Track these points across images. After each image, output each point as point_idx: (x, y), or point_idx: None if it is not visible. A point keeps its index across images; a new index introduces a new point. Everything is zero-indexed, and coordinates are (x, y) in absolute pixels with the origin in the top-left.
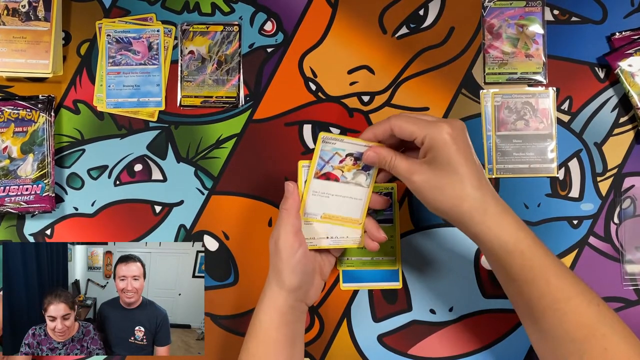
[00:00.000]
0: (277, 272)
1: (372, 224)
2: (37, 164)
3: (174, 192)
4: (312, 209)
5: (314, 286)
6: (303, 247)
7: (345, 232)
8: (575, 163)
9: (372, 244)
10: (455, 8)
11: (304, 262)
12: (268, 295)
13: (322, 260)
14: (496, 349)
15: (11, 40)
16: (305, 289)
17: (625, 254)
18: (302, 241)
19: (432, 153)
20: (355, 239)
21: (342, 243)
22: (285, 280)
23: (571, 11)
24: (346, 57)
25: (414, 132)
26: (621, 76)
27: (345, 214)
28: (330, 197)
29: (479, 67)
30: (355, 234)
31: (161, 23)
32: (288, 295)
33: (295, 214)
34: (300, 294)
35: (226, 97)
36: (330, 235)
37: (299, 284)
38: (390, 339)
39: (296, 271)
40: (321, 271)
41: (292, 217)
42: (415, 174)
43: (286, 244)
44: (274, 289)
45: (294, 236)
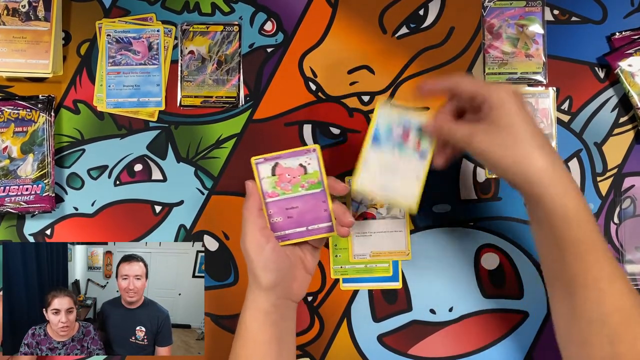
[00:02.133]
0: (251, 272)
1: (339, 207)
2: (37, 164)
3: (174, 192)
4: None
5: (297, 281)
6: (271, 244)
7: (315, 222)
8: (575, 163)
9: (341, 229)
10: (455, 8)
11: (275, 258)
12: (249, 298)
13: (303, 254)
14: (496, 349)
15: (11, 40)
16: (284, 285)
17: (625, 254)
18: (269, 237)
19: (496, 112)
20: (327, 226)
21: (314, 233)
22: (260, 279)
23: (571, 11)
24: (346, 57)
25: (477, 90)
26: (621, 76)
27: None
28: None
29: (479, 67)
30: (325, 222)
31: (161, 23)
32: (267, 294)
33: (257, 212)
34: (280, 291)
35: (226, 97)
36: (300, 227)
37: (275, 281)
38: (390, 339)
39: (268, 268)
40: (304, 265)
41: (254, 216)
42: (476, 136)
43: (252, 243)
44: (253, 290)
45: (260, 233)
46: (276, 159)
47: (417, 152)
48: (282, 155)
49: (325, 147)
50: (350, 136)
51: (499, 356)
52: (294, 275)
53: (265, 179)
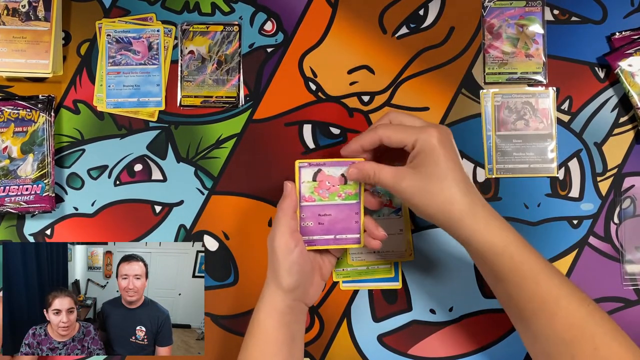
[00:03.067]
0: (274, 272)
1: (370, 222)
2: (37, 164)
3: (174, 192)
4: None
5: (313, 286)
6: (299, 247)
7: (344, 232)
8: (575, 163)
9: (372, 242)
10: (455, 8)
11: (301, 262)
12: (266, 296)
13: (322, 261)
14: (496, 349)
15: (11, 40)
16: (303, 289)
17: (625, 254)
18: (298, 241)
19: (421, 157)
20: (355, 238)
21: (341, 243)
22: (282, 280)
23: (571, 11)
24: (346, 57)
25: (404, 139)
26: (621, 76)
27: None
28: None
29: (479, 67)
30: (354, 233)
31: (161, 23)
32: (286, 295)
33: (292, 214)
34: (298, 294)
35: (226, 97)
36: (329, 235)
37: (296, 284)
38: (390, 339)
39: (292, 271)
40: (321, 271)
41: (288, 217)
42: (403, 180)
43: (281, 244)
44: (272, 289)
45: (290, 236)
46: (320, 166)
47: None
48: (326, 162)
49: (325, 147)
50: (350, 136)
51: (499, 356)
52: (312, 280)
53: (305, 183)
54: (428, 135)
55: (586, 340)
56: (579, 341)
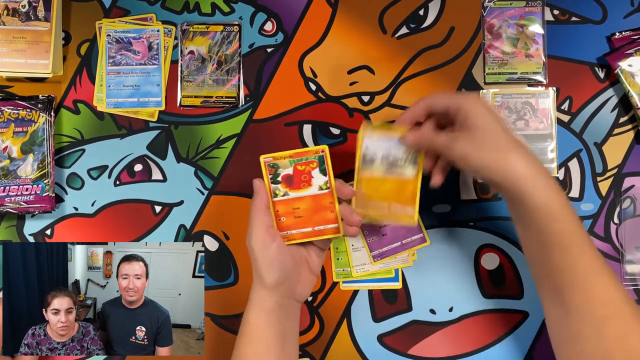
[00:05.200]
0: (255, 270)
1: (346, 209)
2: (37, 164)
3: (174, 192)
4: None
5: (301, 281)
6: (277, 242)
7: (322, 223)
8: (575, 163)
9: (350, 229)
10: (455, 8)
11: (280, 258)
12: (254, 295)
13: (308, 254)
14: (496, 349)
15: (11, 40)
16: (288, 284)
17: (625, 254)
18: (275, 236)
19: (470, 118)
20: (333, 227)
21: (320, 234)
22: (264, 277)
23: (571, 11)
24: (346, 57)
25: (449, 103)
26: (621, 76)
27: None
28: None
29: (479, 67)
30: (332, 223)
31: (161, 23)
32: (271, 293)
33: (265, 210)
34: (284, 291)
35: (226, 97)
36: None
37: (279, 280)
38: (390, 339)
39: (273, 267)
40: (308, 265)
41: (261, 214)
42: (458, 141)
43: (258, 241)
44: (257, 288)
45: (265, 232)
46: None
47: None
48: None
49: None
50: (350, 136)
51: (499, 356)
52: (299, 275)
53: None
54: (473, 99)
55: (619, 322)
56: (613, 321)
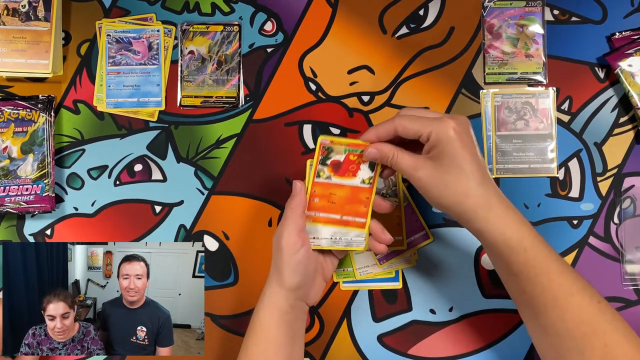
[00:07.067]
0: (278, 270)
1: (377, 226)
2: (37, 164)
3: (174, 192)
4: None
5: (315, 286)
6: (305, 247)
7: (349, 235)
8: (575, 163)
9: (378, 246)
10: (455, 8)
11: (306, 262)
12: (268, 294)
13: (325, 261)
14: (496, 349)
15: (11, 40)
16: (305, 288)
17: (625, 254)
18: (305, 241)
19: (438, 149)
20: (360, 241)
21: (346, 245)
22: (286, 279)
23: (571, 11)
24: (346, 57)
25: (419, 130)
26: (621, 76)
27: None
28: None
29: (479, 67)
30: (359, 236)
31: (161, 23)
32: (288, 295)
33: (301, 213)
34: (300, 294)
35: (226, 97)
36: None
37: (299, 284)
38: (390, 339)
39: (297, 271)
40: (323, 272)
41: (296, 216)
42: (419, 170)
43: (288, 243)
44: (274, 288)
45: (297, 235)
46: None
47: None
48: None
49: None
50: (350, 136)
51: (499, 356)
52: (314, 280)
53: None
54: (444, 126)
55: (597, 337)
56: (590, 338)
